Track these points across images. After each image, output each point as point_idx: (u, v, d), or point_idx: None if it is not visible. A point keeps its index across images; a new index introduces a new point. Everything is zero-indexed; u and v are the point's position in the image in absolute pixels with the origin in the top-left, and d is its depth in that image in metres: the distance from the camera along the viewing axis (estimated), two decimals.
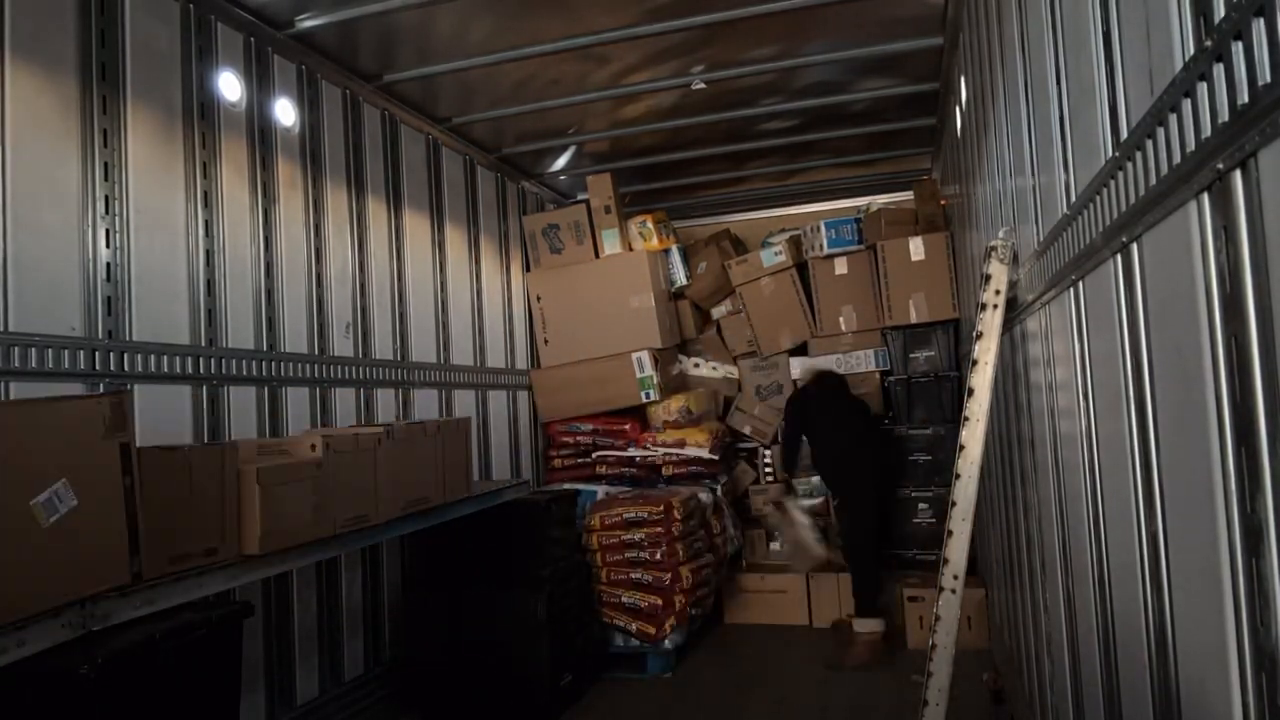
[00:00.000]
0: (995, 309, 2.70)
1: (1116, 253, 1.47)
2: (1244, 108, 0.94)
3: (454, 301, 5.23)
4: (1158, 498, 1.37)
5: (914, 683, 3.09)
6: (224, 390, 3.46)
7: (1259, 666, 1.00)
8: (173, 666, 2.32)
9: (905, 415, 5.83)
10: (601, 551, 4.97)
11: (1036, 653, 2.86)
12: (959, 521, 2.68)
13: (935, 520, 5.46)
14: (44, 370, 2.73)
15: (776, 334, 6.35)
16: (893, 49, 4.52)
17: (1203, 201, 1.09)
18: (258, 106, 3.79)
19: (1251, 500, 0.99)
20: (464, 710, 4.22)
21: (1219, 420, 1.07)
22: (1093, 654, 1.90)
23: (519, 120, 5.26)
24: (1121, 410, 1.50)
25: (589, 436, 6.01)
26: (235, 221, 3.62)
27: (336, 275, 4.21)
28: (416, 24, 3.98)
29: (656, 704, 4.44)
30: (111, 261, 3.03)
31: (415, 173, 4.97)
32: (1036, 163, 2.28)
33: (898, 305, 5.82)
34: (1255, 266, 0.96)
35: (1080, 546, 1.96)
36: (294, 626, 3.76)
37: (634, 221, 6.20)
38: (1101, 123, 1.52)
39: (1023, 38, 2.34)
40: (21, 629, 1.87)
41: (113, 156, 3.07)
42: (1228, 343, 1.03)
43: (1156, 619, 1.40)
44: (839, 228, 6.13)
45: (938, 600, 2.71)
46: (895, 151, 6.35)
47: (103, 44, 3.05)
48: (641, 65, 4.62)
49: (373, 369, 4.38)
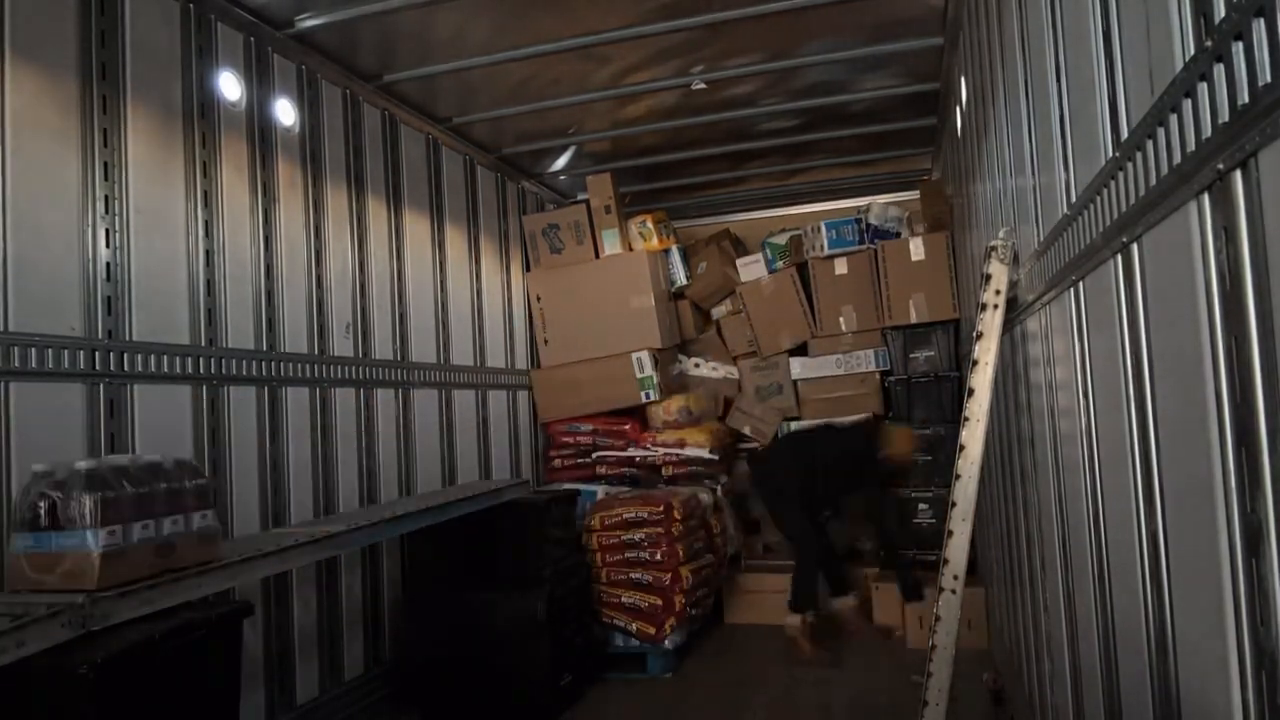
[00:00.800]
0: (995, 309, 2.70)
1: (1117, 253, 1.47)
2: (1244, 108, 0.94)
3: (454, 301, 5.23)
4: (1158, 497, 1.37)
5: (914, 683, 3.09)
6: (224, 390, 3.46)
7: (1259, 666, 1.00)
8: (173, 666, 2.32)
9: (905, 415, 5.83)
10: (601, 551, 4.97)
11: (1036, 653, 2.86)
12: (959, 521, 2.68)
13: (935, 520, 5.46)
14: (44, 370, 2.73)
15: (776, 334, 6.35)
16: (893, 49, 4.52)
17: (1203, 201, 1.09)
18: (258, 106, 3.79)
19: (1251, 500, 0.99)
20: (464, 710, 4.22)
21: (1219, 420, 1.07)
22: (1093, 653, 1.90)
23: (519, 120, 5.25)
24: (1121, 410, 1.50)
25: (589, 436, 6.01)
26: (235, 221, 3.62)
27: (336, 275, 4.21)
28: (416, 24, 3.98)
29: (657, 704, 4.44)
30: (111, 261, 3.03)
31: (415, 173, 4.97)
32: (1037, 162, 2.28)
33: (898, 305, 5.83)
34: (1255, 266, 0.96)
35: (1080, 546, 1.96)
36: (294, 626, 3.76)
37: (634, 221, 6.20)
38: (1102, 122, 1.52)
39: (1023, 37, 2.34)
40: (21, 629, 1.87)
41: (113, 156, 3.07)
42: (1228, 343, 1.03)
43: (1156, 618, 1.40)
44: (839, 228, 6.13)
45: (938, 600, 2.71)
46: (895, 151, 6.35)
47: (103, 44, 3.05)
48: (641, 65, 4.62)
49: (373, 369, 4.38)
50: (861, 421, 5.80)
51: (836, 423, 5.77)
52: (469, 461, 5.21)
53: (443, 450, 4.94)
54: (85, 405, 2.88)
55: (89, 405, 2.89)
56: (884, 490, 5.42)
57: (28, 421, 2.66)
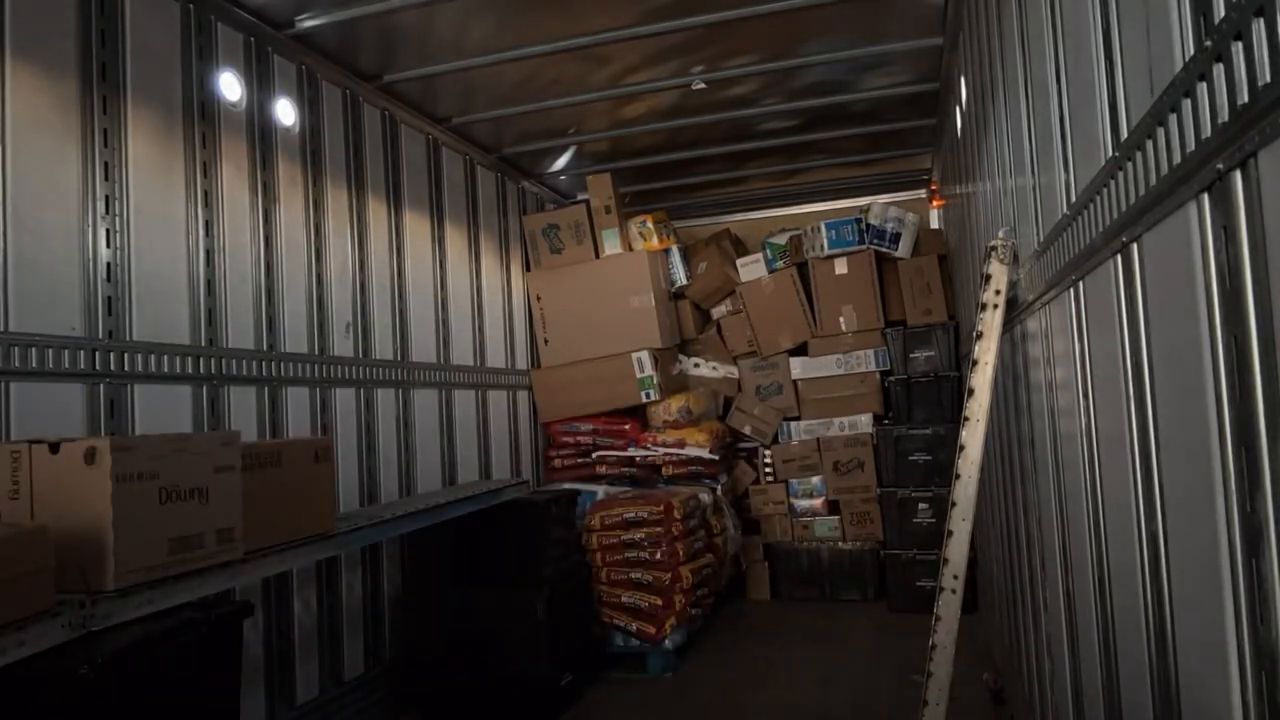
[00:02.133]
0: (995, 309, 2.70)
1: (1117, 253, 1.47)
2: (1244, 108, 0.94)
3: (454, 301, 5.23)
4: (1158, 497, 1.37)
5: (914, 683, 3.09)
6: (224, 390, 3.46)
7: (1259, 665, 1.00)
8: (173, 666, 2.32)
9: (905, 415, 5.83)
10: (601, 551, 4.97)
11: (1036, 652, 2.86)
12: (959, 521, 2.68)
13: (935, 520, 5.46)
14: (44, 370, 2.73)
15: (776, 334, 6.35)
16: (893, 49, 4.52)
17: (1203, 201, 1.09)
18: (258, 106, 3.79)
19: (1251, 500, 0.99)
20: (464, 710, 4.22)
21: (1219, 420, 1.07)
22: (1093, 653, 1.90)
23: (519, 120, 5.26)
24: (1121, 410, 1.50)
25: (589, 436, 6.01)
26: (235, 221, 3.62)
27: (336, 275, 4.21)
28: (416, 24, 3.98)
29: (657, 704, 4.44)
30: (112, 261, 3.03)
31: (415, 172, 4.97)
32: (1036, 162, 2.28)
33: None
34: (1255, 266, 0.96)
35: (1080, 546, 1.96)
36: (294, 626, 3.76)
37: (634, 221, 6.20)
38: (1101, 122, 1.52)
39: (1023, 37, 2.34)
40: (21, 629, 1.87)
41: (113, 156, 3.07)
42: (1228, 343, 1.03)
43: (1156, 618, 1.40)
44: (839, 228, 6.13)
45: (938, 600, 2.71)
46: (895, 151, 6.35)
47: (103, 44, 3.05)
48: (641, 65, 4.62)
49: (373, 369, 4.38)
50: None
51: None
52: (469, 461, 5.21)
53: (443, 450, 4.94)
54: (85, 405, 2.88)
55: (89, 405, 2.89)
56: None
57: (28, 422, 2.66)
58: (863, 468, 6.07)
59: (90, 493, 2.11)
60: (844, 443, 6.14)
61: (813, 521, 6.23)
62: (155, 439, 2.36)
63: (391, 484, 4.48)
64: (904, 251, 6.09)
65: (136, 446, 2.22)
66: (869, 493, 6.04)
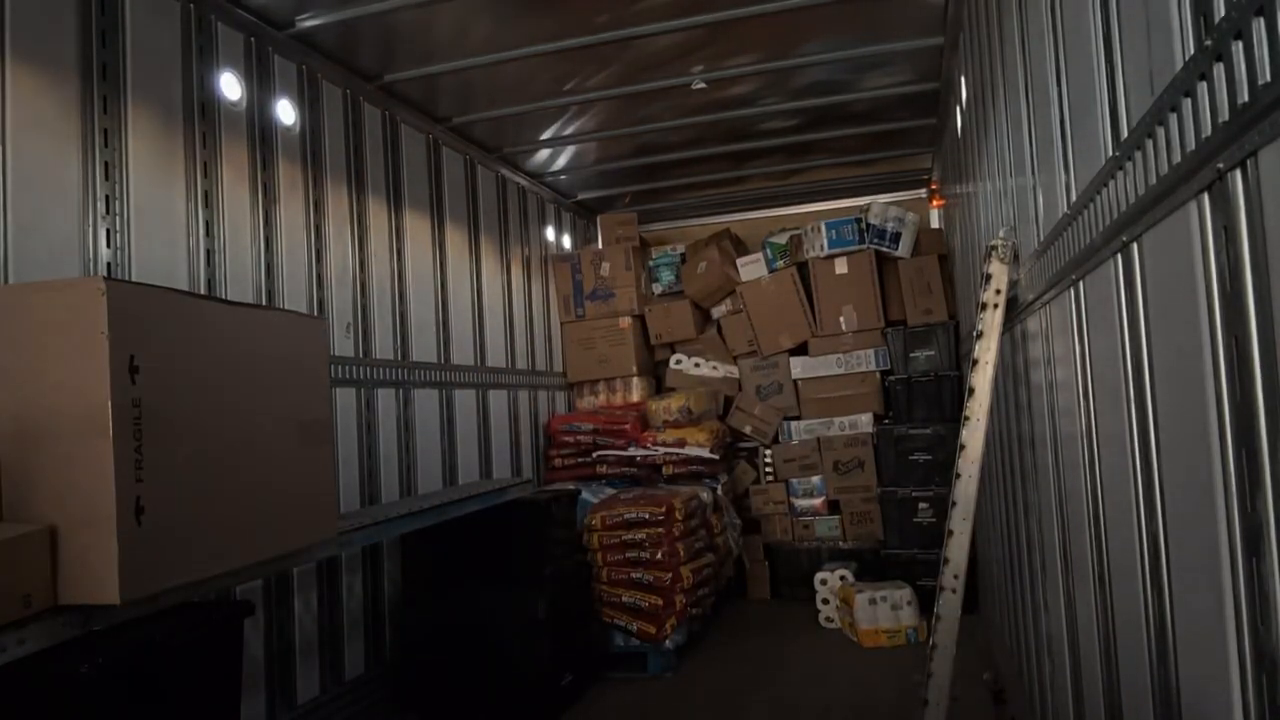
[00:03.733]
0: (996, 308, 2.70)
1: (1117, 252, 1.47)
2: (1244, 107, 0.94)
3: (454, 301, 5.23)
4: (1158, 498, 1.37)
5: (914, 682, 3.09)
6: None
7: (1259, 666, 1.00)
8: (173, 666, 2.32)
9: (905, 415, 5.83)
10: (602, 551, 4.97)
11: (1036, 653, 2.86)
12: (959, 521, 2.68)
13: (935, 520, 5.46)
14: None
15: (776, 334, 6.35)
16: (893, 49, 4.52)
17: (1203, 201, 1.09)
18: (258, 106, 3.79)
19: (1251, 500, 0.99)
20: (464, 710, 4.22)
21: (1219, 420, 1.07)
22: (1093, 653, 1.90)
23: (519, 120, 5.26)
24: (1122, 410, 1.50)
25: (589, 436, 6.01)
26: (236, 221, 3.62)
27: (337, 275, 4.21)
28: (416, 24, 3.98)
29: (657, 703, 4.44)
30: (112, 261, 3.03)
31: (415, 172, 4.97)
32: (1037, 162, 2.28)
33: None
34: (1255, 266, 0.96)
35: (1080, 546, 1.96)
36: (294, 626, 3.76)
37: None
38: (1101, 122, 1.52)
39: (1023, 37, 2.34)
40: (21, 628, 1.87)
41: (113, 156, 3.07)
42: (1228, 343, 1.03)
43: (1156, 618, 1.40)
44: (839, 228, 6.13)
45: (938, 600, 2.71)
46: (895, 151, 6.35)
47: (103, 44, 3.05)
48: (642, 65, 4.62)
49: (373, 369, 4.38)
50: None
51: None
52: (470, 461, 5.20)
53: (443, 450, 4.94)
54: None
55: None
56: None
57: None
58: (863, 467, 6.07)
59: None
60: (844, 442, 6.14)
61: (813, 521, 6.23)
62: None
63: (392, 484, 4.48)
64: (904, 251, 6.09)
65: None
66: (869, 492, 6.04)
